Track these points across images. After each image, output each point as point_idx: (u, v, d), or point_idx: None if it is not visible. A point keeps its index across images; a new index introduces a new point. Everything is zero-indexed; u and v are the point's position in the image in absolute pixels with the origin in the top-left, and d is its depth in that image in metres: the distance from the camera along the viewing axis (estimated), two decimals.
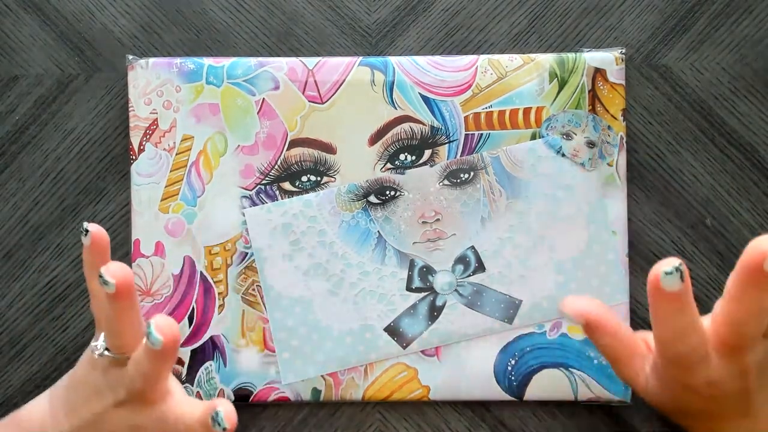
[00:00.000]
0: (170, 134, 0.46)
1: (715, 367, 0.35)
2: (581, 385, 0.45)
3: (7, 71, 0.48)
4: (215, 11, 0.48)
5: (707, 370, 0.35)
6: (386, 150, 0.46)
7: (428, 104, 0.45)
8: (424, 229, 0.45)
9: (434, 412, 0.46)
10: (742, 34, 0.47)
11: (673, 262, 0.33)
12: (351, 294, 0.45)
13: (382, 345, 0.45)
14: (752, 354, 0.35)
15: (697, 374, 0.35)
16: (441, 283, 0.45)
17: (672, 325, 0.34)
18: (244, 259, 0.45)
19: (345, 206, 0.45)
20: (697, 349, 0.35)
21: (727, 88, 0.47)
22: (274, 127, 0.46)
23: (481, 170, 0.45)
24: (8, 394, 0.47)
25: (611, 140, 0.45)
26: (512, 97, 0.45)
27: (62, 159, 0.47)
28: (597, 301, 0.38)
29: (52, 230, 0.47)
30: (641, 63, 0.47)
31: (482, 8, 0.48)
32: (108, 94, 0.47)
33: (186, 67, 0.46)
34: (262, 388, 0.45)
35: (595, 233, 0.45)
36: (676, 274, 0.33)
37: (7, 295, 0.47)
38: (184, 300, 0.45)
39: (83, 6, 0.48)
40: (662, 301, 0.34)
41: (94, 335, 0.41)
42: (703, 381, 0.35)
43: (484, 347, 0.45)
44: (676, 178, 0.47)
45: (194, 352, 0.45)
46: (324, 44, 0.48)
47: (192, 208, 0.46)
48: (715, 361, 0.35)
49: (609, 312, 0.38)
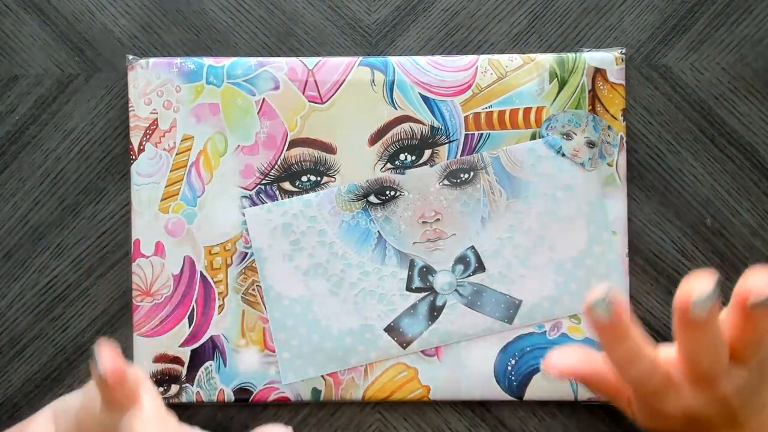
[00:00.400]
0: (170, 134, 0.46)
1: (688, 395, 0.35)
2: (581, 385, 0.45)
3: (7, 71, 0.48)
4: (215, 11, 0.48)
5: (679, 399, 0.35)
6: (386, 150, 0.46)
7: (428, 104, 0.45)
8: (424, 229, 0.45)
9: (434, 412, 0.46)
10: (742, 34, 0.47)
11: (599, 293, 0.33)
12: (351, 294, 0.45)
13: (382, 345, 0.45)
14: (727, 382, 0.34)
15: (668, 403, 0.35)
16: (441, 283, 0.45)
17: (616, 352, 0.34)
18: (244, 259, 0.45)
19: (345, 206, 0.45)
20: (652, 374, 0.34)
21: (727, 88, 0.47)
22: (274, 127, 0.46)
23: (481, 170, 0.45)
24: (8, 394, 0.47)
25: (611, 140, 0.45)
26: (512, 97, 0.45)
27: (62, 159, 0.47)
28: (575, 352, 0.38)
29: (52, 230, 0.47)
30: (641, 63, 0.47)
31: (482, 8, 0.48)
32: (108, 94, 0.47)
33: (186, 67, 0.46)
34: (262, 388, 0.45)
35: (595, 233, 0.45)
36: (602, 305, 0.32)
37: (7, 295, 0.47)
38: (184, 300, 0.45)
39: (83, 6, 0.48)
40: (598, 330, 0.34)
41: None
42: (678, 409, 0.35)
43: (484, 347, 0.45)
44: (676, 178, 0.47)
45: (194, 352, 0.45)
46: (324, 44, 0.48)
47: (192, 208, 0.46)
48: (687, 390, 0.35)
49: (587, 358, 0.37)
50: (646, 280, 0.47)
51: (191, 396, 0.45)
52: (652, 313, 0.47)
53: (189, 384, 0.45)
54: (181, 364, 0.45)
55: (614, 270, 0.45)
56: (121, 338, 0.47)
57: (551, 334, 0.45)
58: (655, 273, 0.47)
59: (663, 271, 0.47)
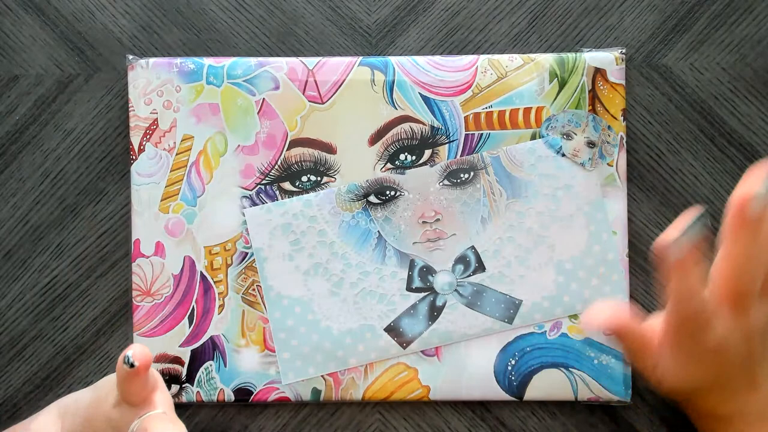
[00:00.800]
0: (170, 134, 0.46)
1: (721, 328, 0.37)
2: (581, 385, 0.45)
3: (7, 71, 0.48)
4: (215, 11, 0.48)
5: (714, 333, 0.37)
6: (386, 150, 0.46)
7: (428, 104, 0.45)
8: (424, 229, 0.45)
9: (434, 412, 0.46)
10: (742, 34, 0.47)
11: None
12: (351, 294, 0.45)
13: (382, 345, 0.45)
14: (755, 312, 0.37)
15: (706, 338, 0.37)
16: (441, 283, 0.45)
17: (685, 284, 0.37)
18: (244, 259, 0.45)
19: (345, 206, 0.45)
20: (704, 306, 0.37)
21: (727, 88, 0.47)
22: (274, 127, 0.46)
23: (481, 170, 0.45)
24: (8, 394, 0.47)
25: (611, 140, 0.45)
26: (512, 97, 0.45)
27: (62, 159, 0.47)
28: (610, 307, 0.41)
29: (52, 230, 0.47)
30: (641, 63, 0.47)
31: (482, 8, 0.48)
32: (108, 94, 0.47)
33: (186, 67, 0.46)
34: (262, 388, 0.45)
35: (595, 233, 0.45)
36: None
37: (7, 295, 0.47)
38: (184, 300, 0.45)
39: (83, 6, 0.48)
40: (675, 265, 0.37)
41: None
42: (711, 345, 0.38)
43: (484, 347, 0.45)
44: (676, 178, 0.47)
45: (194, 352, 0.45)
46: (324, 44, 0.48)
47: (192, 208, 0.46)
48: (720, 322, 0.37)
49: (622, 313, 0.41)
50: (646, 280, 0.47)
51: (191, 396, 0.45)
52: (652, 313, 0.47)
53: (189, 384, 0.45)
54: (181, 364, 0.45)
55: (614, 270, 0.45)
56: (121, 338, 0.47)
57: (551, 334, 0.45)
58: (655, 273, 0.47)
59: None
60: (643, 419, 0.46)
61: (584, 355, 0.45)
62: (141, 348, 0.36)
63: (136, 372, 0.36)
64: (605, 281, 0.45)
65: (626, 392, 0.45)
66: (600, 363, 0.45)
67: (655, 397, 0.46)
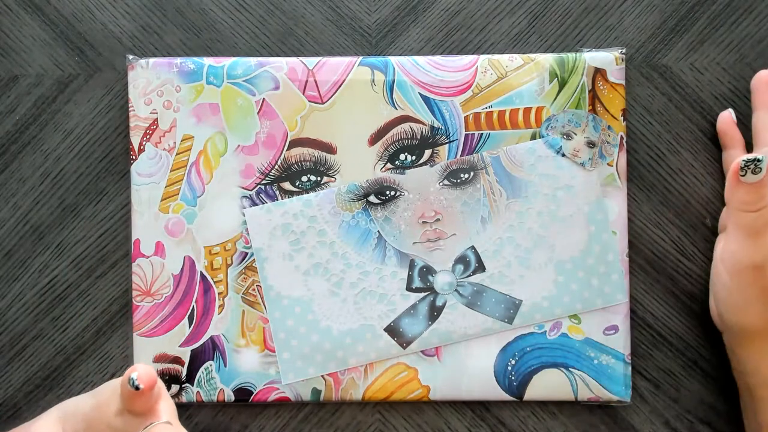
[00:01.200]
0: (170, 134, 0.46)
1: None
2: (581, 385, 0.45)
3: (7, 71, 0.48)
4: (215, 11, 0.48)
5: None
6: (386, 150, 0.46)
7: (428, 104, 0.45)
8: (424, 229, 0.45)
9: (434, 412, 0.46)
10: (742, 34, 0.47)
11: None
12: (351, 294, 0.45)
13: (382, 345, 0.45)
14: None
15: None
16: (441, 283, 0.45)
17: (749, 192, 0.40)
18: (244, 259, 0.45)
19: (345, 206, 0.45)
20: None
21: (727, 88, 0.47)
22: (274, 127, 0.46)
23: (481, 170, 0.45)
24: (8, 394, 0.47)
25: (611, 140, 0.45)
26: (512, 97, 0.45)
27: (62, 159, 0.47)
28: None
29: (52, 230, 0.47)
30: (641, 63, 0.47)
31: (482, 8, 0.48)
32: (108, 94, 0.47)
33: (186, 67, 0.46)
34: (262, 388, 0.45)
35: (595, 233, 0.45)
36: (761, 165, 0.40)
37: (7, 295, 0.47)
38: (184, 300, 0.45)
39: (83, 6, 0.48)
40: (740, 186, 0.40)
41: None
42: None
43: (484, 347, 0.45)
44: (676, 178, 0.47)
45: (194, 352, 0.45)
46: (324, 44, 0.48)
47: (192, 208, 0.46)
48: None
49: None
50: (646, 280, 0.47)
51: (191, 396, 0.45)
52: (652, 313, 0.47)
53: (189, 384, 0.45)
54: (181, 364, 0.45)
55: (614, 270, 0.45)
56: (121, 338, 0.47)
57: (551, 334, 0.45)
58: (655, 273, 0.47)
59: (663, 271, 0.47)
60: (643, 419, 0.46)
61: (584, 355, 0.45)
62: (145, 369, 0.36)
63: (141, 393, 0.36)
64: (605, 281, 0.45)
65: (626, 392, 0.45)
66: (600, 363, 0.45)
67: (655, 397, 0.46)
